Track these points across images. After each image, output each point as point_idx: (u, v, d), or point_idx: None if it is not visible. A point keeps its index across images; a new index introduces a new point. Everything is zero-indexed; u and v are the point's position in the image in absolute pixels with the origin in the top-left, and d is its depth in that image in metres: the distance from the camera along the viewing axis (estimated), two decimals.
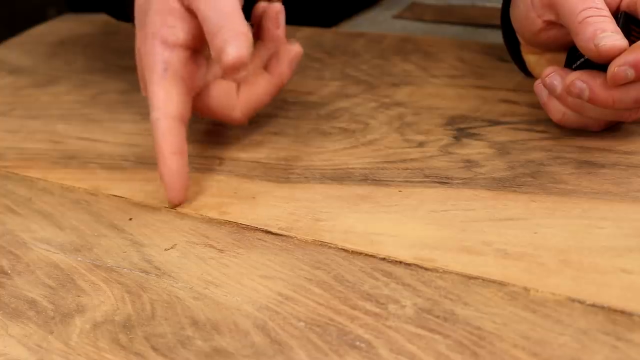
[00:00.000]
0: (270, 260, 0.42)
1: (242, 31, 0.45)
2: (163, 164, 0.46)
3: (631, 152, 0.46)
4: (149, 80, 0.48)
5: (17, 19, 0.97)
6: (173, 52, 0.48)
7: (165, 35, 0.48)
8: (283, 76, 0.52)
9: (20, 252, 0.46)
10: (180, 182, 0.47)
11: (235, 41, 0.44)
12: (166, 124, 0.47)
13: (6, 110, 0.65)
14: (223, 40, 0.45)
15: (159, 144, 0.47)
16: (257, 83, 0.51)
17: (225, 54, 0.44)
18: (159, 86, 0.47)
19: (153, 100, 0.47)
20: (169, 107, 0.47)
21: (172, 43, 0.48)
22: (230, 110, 0.51)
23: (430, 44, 0.66)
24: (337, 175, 0.49)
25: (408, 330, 0.36)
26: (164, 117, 0.47)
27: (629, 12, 0.45)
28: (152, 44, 0.48)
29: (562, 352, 0.33)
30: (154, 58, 0.48)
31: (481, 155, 0.48)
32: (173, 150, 0.46)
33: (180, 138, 0.47)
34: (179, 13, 0.48)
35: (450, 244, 0.41)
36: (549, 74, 0.46)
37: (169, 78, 0.48)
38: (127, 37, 0.77)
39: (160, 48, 0.48)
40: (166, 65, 0.48)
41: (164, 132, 0.47)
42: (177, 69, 0.48)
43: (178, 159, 0.46)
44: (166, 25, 0.48)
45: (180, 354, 0.36)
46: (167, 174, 0.46)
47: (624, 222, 0.40)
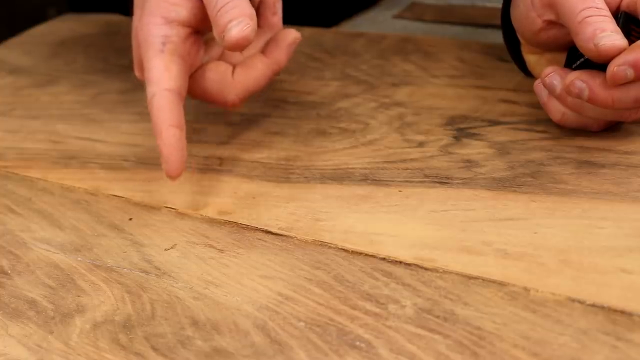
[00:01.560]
0: (270, 260, 0.42)
1: (247, 12, 0.45)
2: (160, 137, 0.45)
3: (631, 152, 0.46)
4: (145, 55, 0.47)
5: (17, 19, 0.98)
6: (173, 29, 0.47)
7: (166, 12, 0.47)
8: (280, 60, 0.51)
9: (20, 252, 0.46)
10: (178, 156, 0.46)
11: (239, 20, 0.44)
12: (164, 98, 0.46)
13: (6, 110, 0.65)
14: (227, 20, 0.44)
15: (156, 118, 0.46)
16: (254, 66, 0.50)
17: (229, 32, 0.44)
18: (156, 60, 0.47)
19: (150, 74, 0.47)
20: (167, 81, 0.46)
21: (172, 20, 0.47)
22: (225, 92, 0.50)
23: (430, 44, 0.66)
24: (337, 175, 0.49)
25: (408, 330, 0.36)
26: (162, 90, 0.46)
27: (629, 12, 0.45)
28: (150, 20, 0.47)
29: (562, 352, 0.33)
30: (152, 33, 0.47)
31: (481, 155, 0.48)
32: (172, 124, 0.46)
33: (178, 111, 0.46)
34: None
35: (450, 244, 0.41)
36: (549, 73, 0.46)
37: (167, 52, 0.47)
38: (127, 37, 0.77)
39: (160, 24, 0.47)
40: (165, 40, 0.47)
41: (162, 106, 0.46)
42: (176, 45, 0.47)
43: (176, 132, 0.46)
44: (169, 3, 0.47)
45: (180, 354, 0.36)
46: (165, 147, 0.45)
47: (624, 222, 0.40)
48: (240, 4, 0.45)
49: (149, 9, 0.48)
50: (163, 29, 0.47)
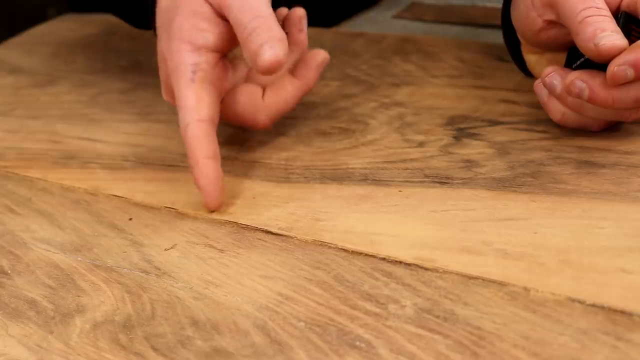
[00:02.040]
0: (270, 260, 0.42)
1: (277, 34, 0.44)
2: (198, 169, 0.45)
3: (631, 152, 0.46)
4: (176, 84, 0.47)
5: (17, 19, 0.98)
6: (202, 56, 0.47)
7: (194, 38, 0.46)
8: (310, 81, 0.51)
9: (20, 252, 0.46)
10: (217, 187, 0.45)
11: (272, 43, 0.43)
12: (199, 128, 0.45)
13: (6, 110, 0.65)
14: (258, 43, 0.43)
15: (192, 149, 0.45)
16: (284, 87, 0.50)
17: (261, 56, 0.43)
18: (188, 90, 0.46)
19: (182, 103, 0.46)
20: (200, 110, 0.46)
21: (200, 46, 0.47)
22: (256, 114, 0.49)
23: (430, 44, 0.66)
24: (337, 175, 0.49)
25: (408, 330, 0.36)
26: (196, 121, 0.45)
27: (629, 12, 0.45)
28: (179, 47, 0.47)
29: (562, 352, 0.33)
30: (182, 61, 0.46)
31: (481, 155, 0.48)
32: (207, 155, 0.45)
33: (214, 142, 0.46)
34: (208, 16, 0.47)
35: (450, 244, 0.41)
36: (549, 73, 0.46)
37: (198, 81, 0.46)
38: (127, 37, 0.77)
39: (189, 51, 0.46)
40: (195, 68, 0.46)
41: (197, 137, 0.45)
42: (206, 73, 0.47)
43: (213, 164, 0.45)
44: (195, 29, 0.47)
45: (180, 354, 0.36)
46: (203, 180, 0.45)
47: (624, 222, 0.40)
48: (270, 27, 0.44)
49: (176, 34, 0.47)
50: (192, 56, 0.46)
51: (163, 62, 0.49)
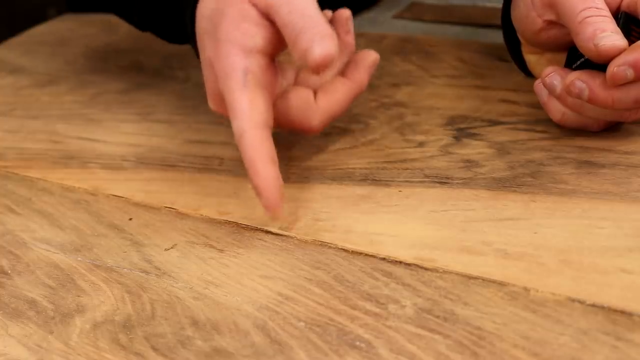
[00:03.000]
0: (270, 260, 0.42)
1: (326, 31, 0.43)
2: (258, 175, 0.43)
3: (631, 152, 0.46)
4: (227, 89, 0.45)
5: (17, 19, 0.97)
6: (252, 59, 0.45)
7: (243, 41, 0.45)
8: (362, 82, 0.50)
9: (20, 252, 0.46)
10: (278, 193, 0.44)
11: (321, 40, 0.42)
12: (255, 134, 0.44)
13: (6, 110, 0.65)
14: (308, 41, 0.42)
15: (250, 155, 0.44)
16: (336, 90, 0.49)
17: (312, 53, 0.42)
18: (241, 94, 0.44)
19: (235, 109, 0.44)
20: (256, 115, 0.44)
21: (250, 49, 0.45)
22: (309, 118, 0.48)
23: (430, 44, 0.66)
24: (337, 175, 0.49)
25: (408, 330, 0.36)
26: (252, 126, 0.44)
27: (629, 12, 0.45)
28: (228, 51, 0.45)
29: (562, 352, 0.33)
30: (232, 65, 0.45)
31: (481, 155, 0.48)
32: (267, 160, 0.44)
33: (271, 146, 0.44)
34: (255, 19, 0.45)
35: (450, 244, 0.41)
36: (549, 73, 0.46)
37: (251, 86, 0.45)
38: (127, 37, 0.77)
39: (239, 55, 0.45)
40: (246, 72, 0.45)
41: (255, 143, 0.44)
42: (257, 76, 0.45)
43: (272, 169, 0.44)
44: (243, 32, 0.45)
45: (180, 354, 0.36)
46: (264, 186, 0.43)
47: (624, 222, 0.40)
48: (319, 25, 0.43)
49: (224, 38, 0.46)
50: (243, 60, 0.45)
51: (209, 68, 0.47)
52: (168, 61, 0.70)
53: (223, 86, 0.45)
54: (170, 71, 0.68)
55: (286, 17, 0.44)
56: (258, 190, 0.44)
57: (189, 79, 0.66)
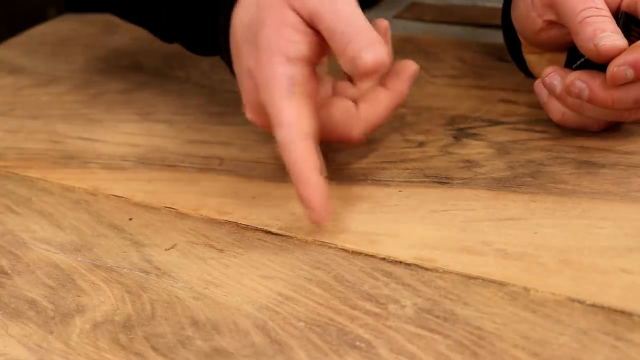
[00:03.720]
0: (270, 260, 0.42)
1: (376, 38, 0.42)
2: (306, 185, 0.42)
3: (631, 152, 0.46)
4: (270, 98, 0.44)
5: (17, 19, 0.97)
6: (297, 67, 0.44)
7: (287, 50, 0.44)
8: (402, 92, 0.49)
9: (20, 252, 0.46)
10: (326, 202, 0.43)
11: (373, 47, 0.42)
12: (303, 144, 0.43)
13: (6, 110, 0.65)
14: (358, 48, 0.42)
15: (298, 165, 0.43)
16: (378, 100, 0.48)
17: (362, 58, 0.41)
18: (288, 103, 0.43)
19: (282, 119, 0.43)
20: (303, 124, 0.43)
21: (294, 57, 0.44)
22: (351, 129, 0.47)
23: (430, 44, 0.66)
24: (337, 175, 0.49)
25: (408, 330, 0.36)
26: (301, 137, 0.43)
27: (629, 12, 0.45)
28: (271, 59, 0.44)
29: (562, 352, 0.33)
30: (276, 74, 0.44)
31: (481, 155, 0.48)
32: (315, 170, 0.43)
33: (317, 156, 0.43)
34: (297, 25, 0.44)
35: (450, 244, 0.41)
36: (549, 73, 0.46)
37: (296, 94, 0.43)
38: (127, 37, 0.77)
39: (283, 63, 0.44)
40: (292, 81, 0.43)
41: (302, 152, 0.43)
42: (302, 85, 0.44)
43: (321, 179, 0.43)
44: (286, 40, 0.44)
45: (180, 354, 0.36)
46: (313, 195, 0.42)
47: (624, 222, 0.40)
48: (368, 31, 0.42)
49: (266, 46, 0.44)
50: (287, 68, 0.44)
51: (250, 78, 0.46)
52: (168, 61, 0.70)
53: (266, 96, 0.44)
54: (170, 71, 0.68)
55: (332, 25, 0.43)
56: (307, 201, 0.42)
57: (189, 79, 0.66)
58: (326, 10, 0.43)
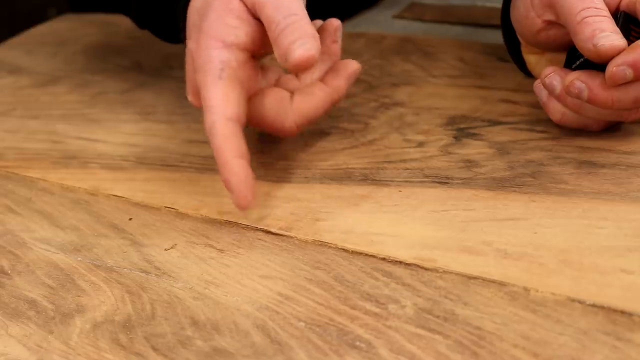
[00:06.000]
0: (270, 260, 0.42)
1: (310, 32, 0.43)
2: (227, 169, 0.43)
3: (631, 152, 0.46)
4: (202, 81, 0.45)
5: (17, 19, 0.97)
6: (231, 53, 0.45)
7: (224, 35, 0.45)
8: (340, 90, 0.49)
9: (20, 252, 0.46)
10: (248, 187, 0.43)
11: (304, 40, 0.43)
12: (226, 127, 0.44)
13: (6, 110, 0.65)
14: (290, 40, 0.43)
15: (220, 149, 0.43)
16: (313, 93, 0.48)
17: (293, 52, 0.42)
18: (215, 87, 0.44)
19: (209, 102, 0.44)
20: (228, 108, 0.44)
21: (230, 43, 0.45)
22: (283, 118, 0.48)
23: (430, 44, 0.66)
24: (337, 175, 0.49)
25: (408, 330, 0.36)
26: (223, 119, 0.44)
27: (628, 12, 0.45)
28: (208, 43, 0.45)
29: (562, 352, 0.33)
30: (210, 58, 0.45)
31: (481, 155, 0.48)
32: (237, 154, 0.43)
33: (242, 141, 0.44)
34: (240, 13, 0.45)
35: (450, 244, 0.41)
36: (549, 74, 0.46)
37: (226, 79, 0.44)
38: (127, 37, 0.77)
39: (218, 48, 0.45)
40: (223, 65, 0.45)
41: (225, 136, 0.43)
42: (234, 71, 0.45)
43: (243, 163, 0.44)
44: (226, 26, 0.45)
45: (180, 354, 0.36)
46: (234, 180, 0.43)
47: (624, 222, 0.40)
48: (303, 25, 0.43)
49: (206, 31, 0.45)
50: (222, 53, 0.45)
51: (190, 60, 0.47)
52: (168, 61, 0.70)
53: (199, 78, 0.45)
54: (170, 71, 0.68)
55: (271, 14, 0.44)
56: (227, 184, 0.44)
57: None
58: (268, 0, 0.44)
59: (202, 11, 0.47)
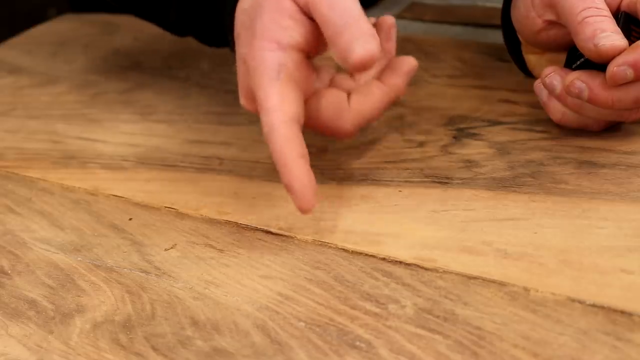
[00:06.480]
0: (270, 260, 0.42)
1: (369, 31, 0.42)
2: (289, 171, 0.41)
3: (631, 152, 0.46)
4: (258, 83, 0.43)
5: (17, 19, 0.97)
6: (287, 54, 0.44)
7: (279, 36, 0.44)
8: (398, 88, 0.47)
9: (20, 252, 0.46)
10: (311, 190, 0.42)
11: (364, 39, 0.41)
12: (286, 128, 0.42)
13: (6, 110, 0.65)
14: (349, 40, 0.41)
15: (281, 150, 0.42)
16: (371, 93, 0.47)
17: (352, 51, 0.41)
18: (272, 88, 0.43)
19: (266, 103, 0.43)
20: (287, 109, 0.42)
21: (286, 44, 0.44)
22: (341, 120, 0.46)
23: (430, 44, 0.66)
24: (337, 175, 0.49)
25: (408, 330, 0.36)
26: (283, 120, 0.42)
27: (629, 12, 0.45)
28: (262, 45, 0.44)
29: (562, 352, 0.33)
30: (265, 60, 0.43)
31: (481, 155, 0.48)
32: (298, 156, 0.42)
33: (302, 141, 0.42)
34: (293, 14, 0.44)
35: (450, 244, 0.41)
36: (549, 73, 0.46)
37: (283, 80, 0.43)
38: (127, 37, 0.77)
39: (273, 50, 0.43)
40: (280, 67, 0.43)
41: (285, 137, 0.42)
42: (291, 72, 0.43)
43: (305, 165, 0.42)
44: (280, 27, 0.44)
45: (180, 354, 0.36)
46: (297, 182, 0.41)
47: (624, 222, 0.40)
48: (362, 24, 0.42)
49: (260, 33, 0.44)
50: (277, 54, 0.43)
51: (243, 63, 0.45)
52: (168, 61, 0.70)
53: (255, 81, 0.44)
54: (170, 71, 0.68)
55: (327, 14, 0.42)
56: (290, 187, 0.42)
57: (189, 79, 0.66)
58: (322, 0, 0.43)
59: (252, 12, 0.45)
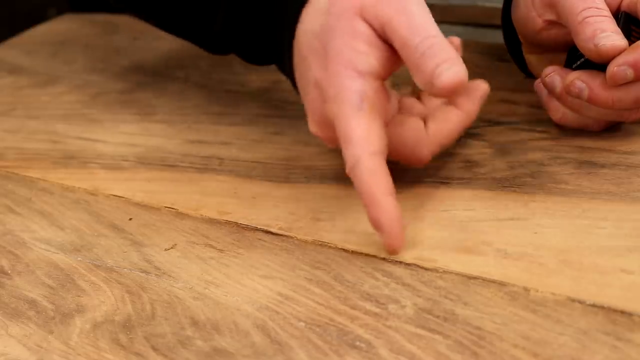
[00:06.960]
0: (270, 260, 0.42)
1: (453, 54, 0.40)
2: (377, 208, 0.40)
3: (631, 152, 0.46)
4: (340, 113, 0.41)
5: (17, 19, 0.97)
6: (366, 82, 0.42)
7: (356, 62, 0.42)
8: (472, 114, 0.46)
9: (20, 252, 0.46)
10: (400, 226, 0.40)
11: (449, 64, 0.40)
12: (372, 162, 0.40)
13: (6, 110, 0.65)
14: (435, 64, 0.40)
15: (367, 185, 0.40)
16: (448, 120, 0.45)
17: (439, 76, 0.39)
18: (356, 119, 0.41)
19: (350, 135, 0.41)
20: (372, 142, 0.41)
21: (365, 71, 0.42)
22: (419, 148, 0.45)
23: None
24: (337, 175, 0.49)
25: (408, 330, 0.36)
26: (368, 153, 0.40)
27: (629, 12, 0.45)
28: (340, 72, 0.42)
29: (562, 352, 0.33)
30: (346, 88, 0.41)
31: (481, 155, 0.48)
32: (386, 191, 0.40)
33: (389, 176, 0.41)
34: (369, 38, 0.42)
35: (450, 244, 0.41)
36: (549, 73, 0.46)
37: (367, 110, 0.41)
38: (127, 37, 0.77)
39: (353, 77, 0.41)
40: (362, 95, 0.41)
41: (372, 171, 0.40)
42: (373, 101, 0.41)
43: (393, 201, 0.40)
44: (357, 52, 0.42)
45: (180, 354, 0.36)
46: (386, 219, 0.40)
47: (624, 222, 0.40)
48: (445, 47, 0.40)
49: (335, 57, 0.42)
50: (357, 82, 0.41)
51: (316, 89, 0.43)
52: (168, 61, 0.70)
53: (334, 109, 0.42)
54: (170, 71, 0.68)
55: (405, 36, 0.41)
56: (378, 224, 0.40)
57: (189, 79, 0.66)
58: (401, 22, 0.41)
59: (324, 36, 0.43)
